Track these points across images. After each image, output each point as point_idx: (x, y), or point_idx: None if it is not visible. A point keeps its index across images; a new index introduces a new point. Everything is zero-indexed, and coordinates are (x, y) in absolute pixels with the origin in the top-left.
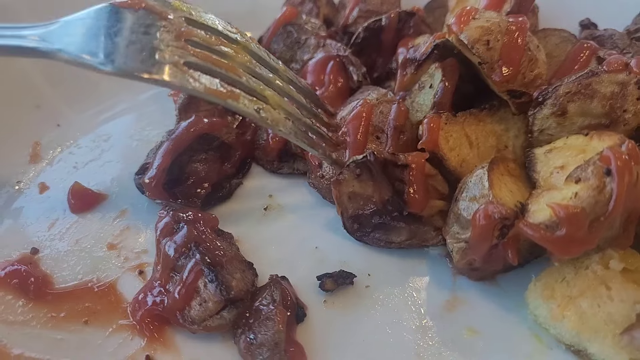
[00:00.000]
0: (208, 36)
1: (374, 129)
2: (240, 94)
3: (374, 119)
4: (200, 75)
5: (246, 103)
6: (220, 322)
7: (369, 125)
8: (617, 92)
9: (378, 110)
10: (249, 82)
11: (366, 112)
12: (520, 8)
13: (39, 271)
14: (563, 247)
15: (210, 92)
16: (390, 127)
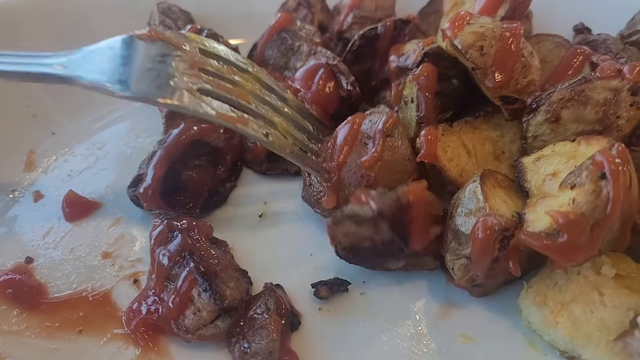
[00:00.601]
0: (220, 65)
1: (362, 136)
2: (250, 119)
3: (364, 127)
4: (212, 101)
5: (255, 127)
6: (215, 331)
7: (357, 134)
8: (610, 98)
9: (368, 119)
10: (258, 108)
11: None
12: (514, 13)
13: (33, 280)
14: (566, 254)
15: (222, 117)
16: (377, 132)
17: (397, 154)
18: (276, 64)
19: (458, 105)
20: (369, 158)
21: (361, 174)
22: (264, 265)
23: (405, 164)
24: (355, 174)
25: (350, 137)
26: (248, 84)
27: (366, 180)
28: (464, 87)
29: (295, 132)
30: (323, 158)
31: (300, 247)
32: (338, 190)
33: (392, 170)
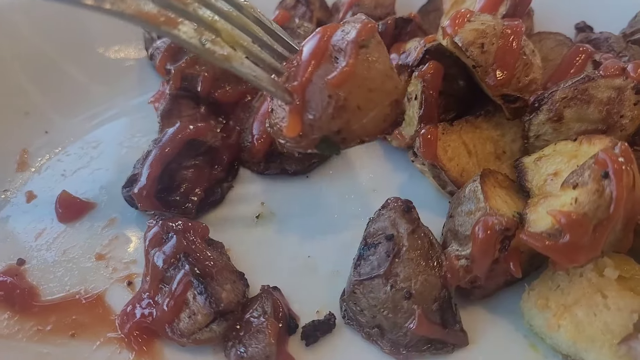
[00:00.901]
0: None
1: (332, 49)
2: (182, 22)
3: (335, 38)
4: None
5: (187, 31)
6: (210, 335)
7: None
8: (613, 97)
9: (340, 29)
10: (196, 11)
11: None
12: (515, 11)
13: (25, 283)
14: (568, 255)
15: (140, 14)
16: (349, 42)
17: (373, 69)
18: None
19: (461, 107)
20: (337, 74)
21: (329, 93)
22: (261, 267)
23: (383, 80)
24: (321, 95)
25: (317, 51)
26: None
27: (335, 101)
28: (468, 87)
29: (249, 44)
30: (286, 77)
31: (298, 248)
32: (301, 115)
33: (367, 88)
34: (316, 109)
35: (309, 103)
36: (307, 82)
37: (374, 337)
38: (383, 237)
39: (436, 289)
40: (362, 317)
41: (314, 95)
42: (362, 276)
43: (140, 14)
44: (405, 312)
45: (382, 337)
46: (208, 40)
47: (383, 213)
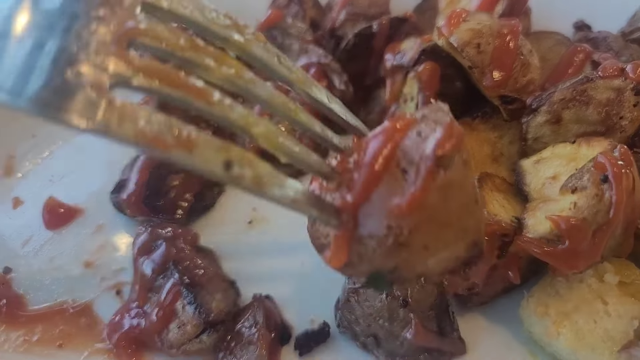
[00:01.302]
0: (172, 33)
1: (401, 157)
2: (200, 141)
3: (407, 142)
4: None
5: (208, 155)
6: (200, 346)
7: (393, 155)
8: (613, 98)
9: (415, 129)
10: (224, 113)
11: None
12: (512, 10)
13: (11, 292)
14: (567, 260)
15: (145, 139)
16: (424, 157)
17: (452, 200)
18: None
19: (458, 109)
20: (402, 201)
21: (388, 223)
22: (253, 275)
23: (462, 216)
24: (379, 221)
25: (381, 160)
26: (220, 65)
27: (395, 235)
28: (465, 89)
29: (290, 147)
30: (337, 184)
31: (291, 255)
32: (350, 243)
33: (439, 223)
34: (369, 239)
35: (361, 229)
36: (363, 201)
37: (369, 346)
38: None
39: (433, 296)
40: (358, 326)
41: (369, 219)
42: (357, 284)
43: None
44: (401, 321)
45: (378, 346)
46: (235, 163)
47: None
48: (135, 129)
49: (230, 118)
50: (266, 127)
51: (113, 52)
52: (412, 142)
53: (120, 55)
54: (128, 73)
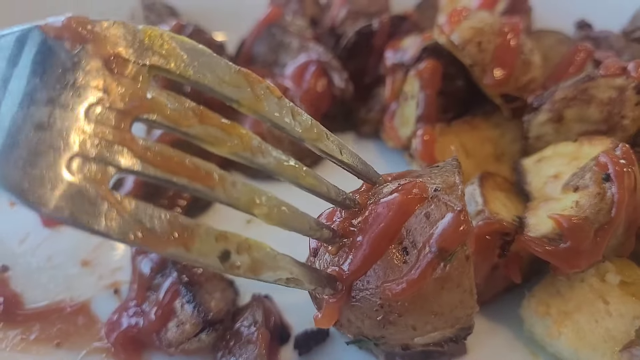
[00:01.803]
0: (178, 104)
1: (405, 234)
2: (199, 235)
3: (414, 220)
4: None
5: (205, 248)
6: (199, 345)
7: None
8: (614, 97)
9: (425, 208)
10: (228, 194)
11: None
12: (514, 8)
13: (9, 290)
14: (569, 260)
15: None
16: (429, 244)
17: (447, 293)
18: (265, 61)
19: (460, 107)
20: (398, 285)
21: (381, 302)
22: None
23: (455, 307)
24: (371, 298)
25: (384, 233)
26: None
27: (385, 313)
28: (467, 87)
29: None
30: (337, 248)
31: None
32: (341, 309)
33: (431, 311)
34: (360, 310)
35: (354, 299)
36: (359, 275)
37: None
38: None
39: None
40: None
41: (362, 292)
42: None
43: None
44: None
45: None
46: (232, 251)
47: None
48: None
49: (232, 201)
50: (268, 208)
51: (115, 137)
52: (418, 223)
53: (123, 141)
54: (129, 163)
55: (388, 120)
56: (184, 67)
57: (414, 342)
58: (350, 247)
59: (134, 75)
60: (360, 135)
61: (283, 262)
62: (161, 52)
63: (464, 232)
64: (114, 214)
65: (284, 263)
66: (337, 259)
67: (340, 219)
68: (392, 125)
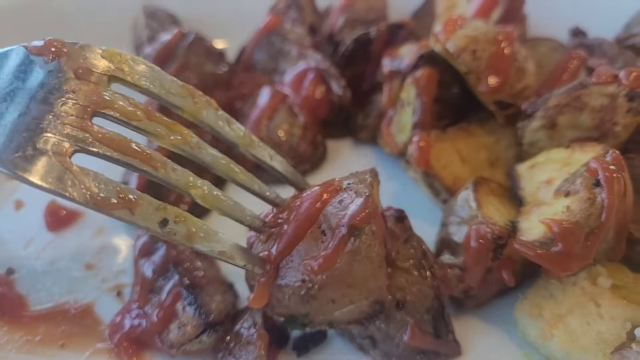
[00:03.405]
0: (131, 105)
1: (323, 220)
2: (141, 203)
3: (330, 208)
4: (89, 175)
5: (147, 214)
6: (200, 346)
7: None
8: (606, 104)
9: (339, 197)
10: (169, 176)
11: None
12: (508, 16)
13: (14, 292)
14: (560, 263)
15: (95, 202)
16: (341, 224)
17: (358, 264)
18: (265, 68)
19: (455, 114)
20: (316, 260)
21: (302, 277)
22: None
23: (367, 278)
24: (295, 273)
25: (304, 221)
26: (171, 133)
27: (307, 288)
28: (462, 94)
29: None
30: (267, 237)
31: None
32: (270, 289)
33: (346, 283)
34: (287, 288)
35: (281, 277)
36: (284, 255)
37: (365, 347)
38: None
39: (429, 298)
40: (354, 327)
41: (288, 271)
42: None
43: (96, 202)
44: (397, 323)
45: (374, 347)
46: (170, 220)
47: None
48: (86, 193)
49: (171, 180)
50: (202, 190)
51: (78, 124)
52: (334, 209)
53: (83, 127)
54: (88, 142)
55: (385, 127)
56: (137, 78)
57: (335, 318)
58: (278, 235)
59: (96, 81)
60: (358, 141)
61: (217, 238)
62: (119, 66)
63: (371, 212)
64: (75, 182)
65: (218, 238)
66: (267, 245)
67: (271, 214)
68: (389, 132)
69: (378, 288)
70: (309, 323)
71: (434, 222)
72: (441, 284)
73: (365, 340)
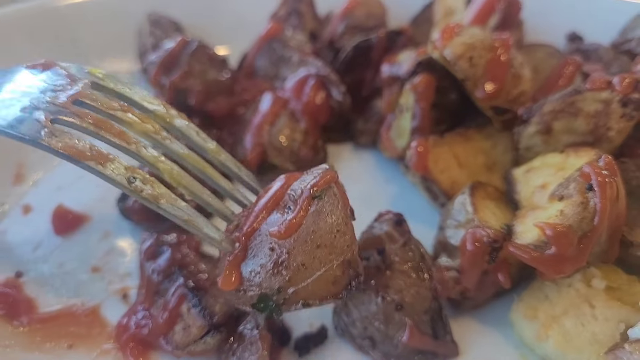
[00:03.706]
0: (108, 99)
1: (288, 199)
2: (114, 160)
3: (293, 187)
4: (67, 134)
5: (117, 170)
6: (204, 347)
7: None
8: (600, 110)
9: (300, 178)
10: (139, 150)
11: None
12: (505, 23)
13: (23, 295)
14: (554, 266)
15: (67, 150)
16: (303, 192)
17: (323, 222)
18: (267, 74)
19: (453, 119)
20: (281, 225)
21: (271, 246)
22: None
23: (334, 236)
24: (263, 245)
25: (271, 199)
26: (143, 124)
27: (276, 255)
28: (460, 100)
29: (195, 187)
30: (235, 225)
31: None
32: (239, 267)
33: (314, 244)
34: (255, 262)
35: (250, 254)
36: (253, 231)
37: (365, 348)
38: (374, 249)
39: (427, 300)
40: (354, 328)
41: (256, 248)
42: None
43: (68, 150)
44: (396, 324)
45: (374, 348)
46: (138, 179)
47: (375, 226)
48: (64, 146)
49: (141, 154)
50: (172, 167)
51: (61, 104)
52: (296, 186)
53: (65, 106)
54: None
55: (385, 132)
56: (114, 85)
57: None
58: (244, 219)
59: (82, 85)
60: (358, 145)
61: (182, 205)
62: (99, 76)
63: (330, 177)
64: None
65: (184, 205)
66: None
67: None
68: (388, 137)
69: (347, 247)
70: (283, 302)
71: (432, 225)
72: (439, 286)
73: (365, 340)
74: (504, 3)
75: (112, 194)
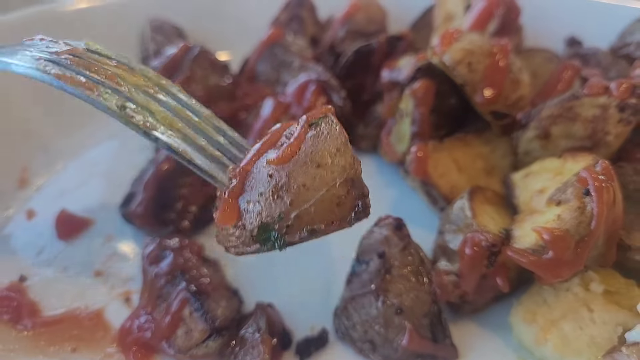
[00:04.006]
0: (103, 58)
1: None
2: (101, 89)
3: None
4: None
5: (108, 97)
6: (206, 351)
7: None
8: (598, 115)
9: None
10: (130, 92)
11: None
12: (504, 28)
13: (27, 299)
14: (552, 270)
15: (60, 77)
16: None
17: (322, 143)
18: (268, 79)
19: (453, 124)
20: (279, 151)
21: (269, 172)
22: (256, 283)
23: (334, 155)
24: (261, 175)
25: (268, 140)
26: (135, 78)
27: (276, 180)
28: (459, 105)
29: (187, 131)
30: (232, 168)
31: (292, 264)
32: (237, 199)
33: (315, 164)
34: (254, 191)
35: (247, 187)
36: (249, 168)
37: (365, 351)
38: (375, 254)
39: (426, 304)
40: (355, 332)
41: (254, 178)
42: (354, 292)
43: (61, 77)
44: (396, 327)
45: (374, 351)
46: (130, 108)
47: (375, 230)
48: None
49: (133, 96)
50: (165, 111)
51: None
52: (293, 127)
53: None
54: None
55: (385, 136)
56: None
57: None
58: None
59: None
60: (359, 150)
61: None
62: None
63: (327, 109)
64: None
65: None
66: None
67: None
68: (388, 141)
69: (349, 165)
70: (286, 231)
71: (431, 229)
72: (438, 290)
73: (365, 344)
74: (503, 8)
75: (115, 199)
